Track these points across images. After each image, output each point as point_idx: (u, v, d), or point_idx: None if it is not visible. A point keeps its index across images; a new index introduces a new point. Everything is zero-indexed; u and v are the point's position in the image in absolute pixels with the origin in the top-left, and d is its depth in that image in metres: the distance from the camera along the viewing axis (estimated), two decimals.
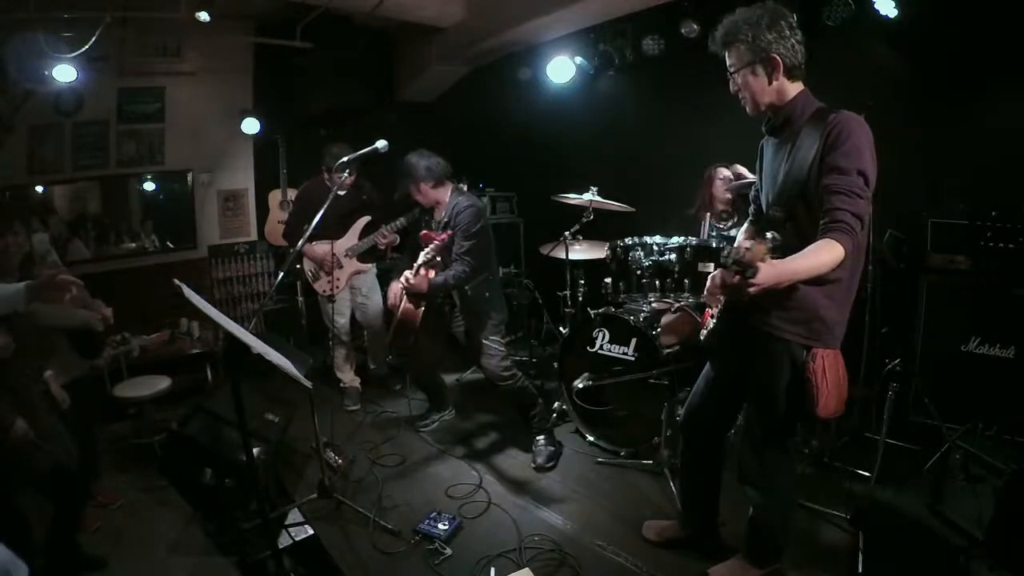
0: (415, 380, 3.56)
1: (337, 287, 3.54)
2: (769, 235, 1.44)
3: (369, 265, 3.71)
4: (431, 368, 3.39)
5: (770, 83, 1.65)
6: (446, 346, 3.29)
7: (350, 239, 3.58)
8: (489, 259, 2.93)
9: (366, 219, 3.60)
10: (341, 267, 3.55)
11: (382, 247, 3.59)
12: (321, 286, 3.61)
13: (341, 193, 3.42)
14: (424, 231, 2.85)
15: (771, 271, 1.38)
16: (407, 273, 2.76)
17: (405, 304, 2.77)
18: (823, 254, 1.45)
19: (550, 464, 2.93)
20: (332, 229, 3.38)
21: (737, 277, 1.38)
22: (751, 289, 1.39)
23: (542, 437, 3.00)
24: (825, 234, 1.48)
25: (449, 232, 2.74)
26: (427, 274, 2.72)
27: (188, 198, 4.60)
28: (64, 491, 2.06)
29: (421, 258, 2.71)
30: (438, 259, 2.75)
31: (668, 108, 4.04)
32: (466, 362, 3.96)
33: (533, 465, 2.92)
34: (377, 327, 3.79)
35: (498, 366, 2.90)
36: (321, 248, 3.47)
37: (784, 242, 1.52)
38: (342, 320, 3.68)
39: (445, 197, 2.91)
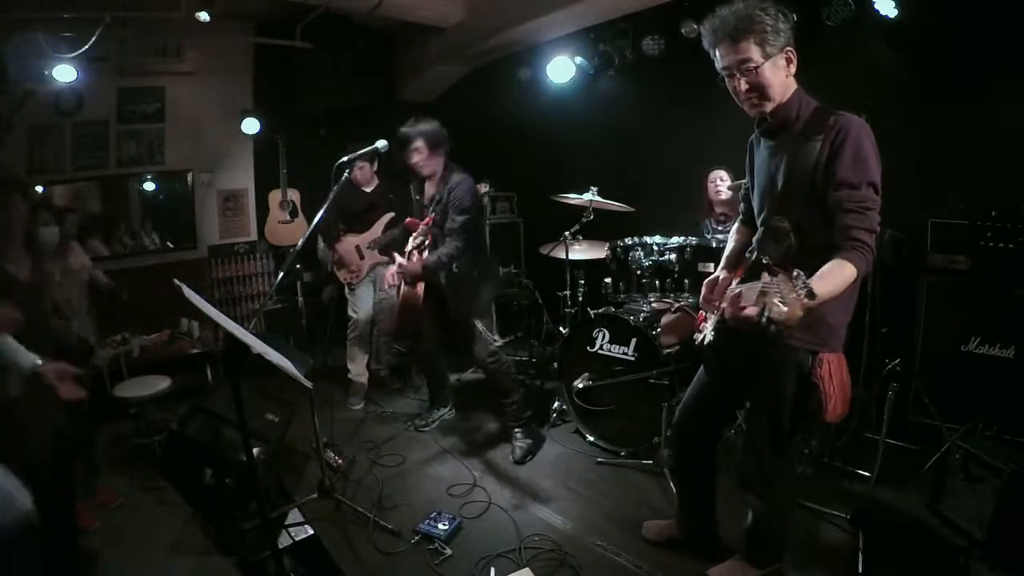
0: (418, 364, 3.63)
1: (358, 277, 3.73)
2: (795, 274, 1.24)
3: (388, 258, 3.81)
4: (433, 351, 3.40)
5: (786, 78, 1.57)
6: (445, 328, 3.29)
7: (373, 233, 3.76)
8: (479, 237, 3.00)
9: (390, 215, 3.75)
10: (363, 258, 3.74)
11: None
12: (343, 276, 3.79)
13: (367, 190, 3.72)
14: (408, 219, 2.91)
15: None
16: (399, 259, 2.84)
17: (404, 288, 2.87)
18: (837, 279, 1.38)
19: (528, 458, 2.95)
20: (359, 224, 3.73)
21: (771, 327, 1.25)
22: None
23: (519, 430, 3.03)
24: (839, 253, 1.42)
25: (433, 216, 2.79)
26: (420, 259, 2.78)
27: (188, 198, 4.60)
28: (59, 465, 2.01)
29: (410, 244, 2.77)
30: (427, 242, 2.80)
31: (668, 108, 4.04)
32: (466, 362, 3.96)
33: (512, 459, 2.95)
34: (388, 325, 3.88)
35: (484, 350, 2.95)
36: (345, 242, 3.72)
37: (792, 248, 1.50)
38: (362, 312, 3.75)
39: (441, 169, 2.95)
